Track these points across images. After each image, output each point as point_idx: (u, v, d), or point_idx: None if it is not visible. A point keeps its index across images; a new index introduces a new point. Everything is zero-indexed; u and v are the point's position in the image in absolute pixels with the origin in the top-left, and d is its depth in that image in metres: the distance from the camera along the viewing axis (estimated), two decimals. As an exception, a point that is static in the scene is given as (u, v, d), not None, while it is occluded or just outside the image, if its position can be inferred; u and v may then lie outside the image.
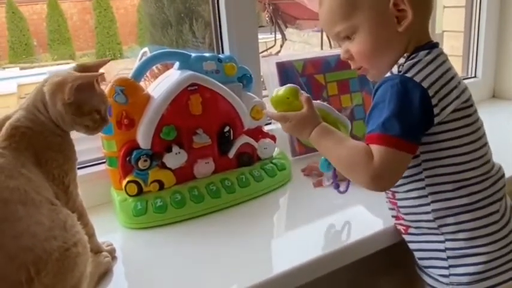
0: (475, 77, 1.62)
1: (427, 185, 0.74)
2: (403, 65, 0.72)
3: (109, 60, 0.81)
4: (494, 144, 0.79)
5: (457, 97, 0.72)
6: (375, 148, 0.69)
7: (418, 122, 0.70)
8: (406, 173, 0.74)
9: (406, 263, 0.83)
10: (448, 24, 1.71)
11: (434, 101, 0.69)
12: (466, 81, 1.57)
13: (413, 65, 0.71)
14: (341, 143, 0.75)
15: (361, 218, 0.89)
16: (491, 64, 1.61)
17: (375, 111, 0.71)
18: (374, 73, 0.80)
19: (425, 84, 0.69)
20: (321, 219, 0.89)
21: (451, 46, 1.68)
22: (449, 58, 0.77)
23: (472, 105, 0.76)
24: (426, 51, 0.73)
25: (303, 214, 0.91)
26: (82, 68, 0.73)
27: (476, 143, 0.74)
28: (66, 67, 0.76)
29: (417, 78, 0.70)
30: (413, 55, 0.73)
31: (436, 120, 0.70)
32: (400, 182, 0.76)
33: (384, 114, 0.69)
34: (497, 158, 0.80)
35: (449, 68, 0.75)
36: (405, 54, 0.74)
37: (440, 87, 0.70)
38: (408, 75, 0.70)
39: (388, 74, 0.75)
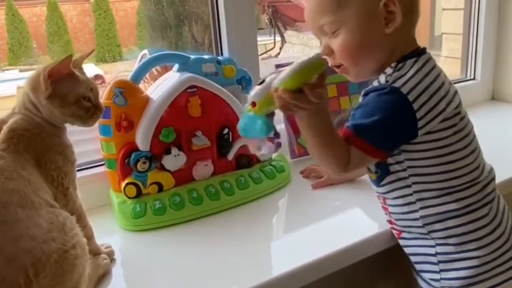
0: (473, 79, 1.62)
1: (414, 192, 0.74)
2: (391, 75, 0.72)
3: (93, 51, 0.81)
4: (492, 147, 0.79)
5: (445, 108, 0.71)
6: (346, 142, 0.72)
7: (396, 134, 0.71)
8: (393, 179, 0.75)
9: (404, 266, 0.83)
10: (447, 26, 1.72)
11: (419, 115, 0.69)
12: (464, 83, 1.58)
13: (402, 76, 0.71)
14: (333, 131, 0.73)
15: (359, 220, 0.89)
16: (490, 66, 1.61)
17: (359, 110, 0.72)
18: (354, 73, 0.77)
19: (411, 98, 0.69)
20: (319, 222, 0.89)
21: (450, 48, 1.68)
22: (448, 60, 0.76)
23: (460, 112, 0.74)
24: (413, 59, 0.73)
25: (301, 216, 0.91)
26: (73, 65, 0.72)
27: (464, 150, 0.73)
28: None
29: (404, 90, 0.69)
30: (400, 64, 0.72)
31: (421, 132, 0.70)
32: (388, 188, 0.77)
33: (364, 118, 0.70)
34: (495, 160, 0.80)
35: (437, 76, 0.73)
36: (392, 64, 0.73)
37: (427, 99, 0.70)
38: (395, 85, 0.70)
39: (376, 83, 0.74)
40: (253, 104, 0.72)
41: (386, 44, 0.73)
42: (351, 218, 0.90)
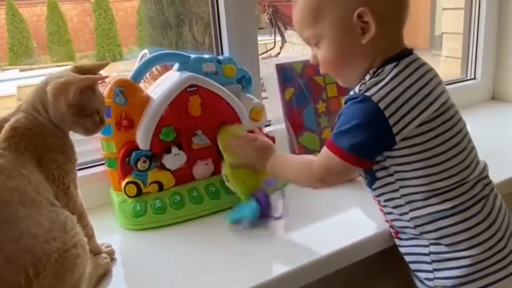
0: (474, 79, 1.62)
1: (402, 195, 0.74)
2: (365, 83, 0.72)
3: (108, 63, 0.81)
4: (492, 146, 0.79)
5: (421, 113, 0.71)
6: (324, 156, 0.75)
7: (373, 142, 0.71)
8: (382, 183, 0.76)
9: (402, 266, 0.83)
10: (447, 26, 1.72)
11: (392, 121, 0.69)
12: (465, 83, 1.58)
13: (375, 83, 0.71)
14: (290, 163, 0.85)
15: (357, 220, 0.89)
16: (490, 66, 1.61)
17: (339, 119, 0.74)
18: (340, 81, 0.81)
19: (382, 105, 0.69)
20: (318, 222, 0.89)
21: (451, 48, 1.68)
22: (449, 60, 0.76)
23: (443, 113, 0.73)
24: (393, 64, 0.72)
25: (300, 216, 0.90)
26: (79, 70, 0.73)
27: (450, 151, 0.73)
28: (64, 68, 0.75)
29: (375, 98, 0.69)
30: (380, 70, 0.73)
31: (398, 138, 0.70)
32: (379, 192, 0.77)
33: (341, 126, 0.72)
34: (494, 160, 0.80)
35: (418, 79, 0.72)
36: (371, 71, 0.74)
37: (400, 106, 0.69)
38: (368, 94, 0.70)
39: (352, 92, 0.75)
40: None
41: (367, 53, 0.74)
42: (350, 217, 0.90)
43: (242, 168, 0.89)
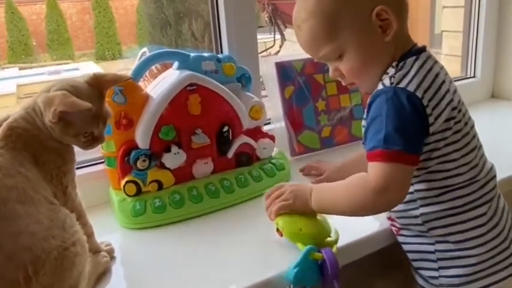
0: (474, 77, 1.62)
1: (416, 190, 0.74)
2: (394, 76, 0.70)
3: (129, 79, 0.81)
4: (492, 145, 0.79)
5: (449, 103, 0.71)
6: (378, 166, 0.67)
7: (418, 133, 0.69)
8: None
9: (403, 263, 0.83)
10: (447, 24, 1.72)
11: (428, 111, 0.68)
12: (464, 81, 1.58)
13: (405, 75, 0.70)
14: (337, 186, 0.74)
15: (356, 219, 0.89)
16: (490, 64, 1.60)
17: (372, 126, 0.69)
18: (365, 86, 0.78)
19: (419, 94, 0.68)
20: (319, 219, 0.88)
21: (450, 46, 1.68)
22: (448, 58, 0.76)
23: (461, 110, 0.74)
24: (414, 57, 0.72)
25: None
26: (95, 79, 0.71)
27: (464, 148, 0.73)
28: (82, 75, 0.74)
29: (410, 88, 0.68)
30: (401, 63, 0.72)
31: (431, 130, 0.69)
32: None
33: (384, 129, 0.67)
34: (494, 158, 0.80)
35: (438, 73, 0.73)
36: (393, 64, 0.72)
37: (432, 95, 0.69)
38: (401, 85, 0.69)
39: (380, 86, 0.72)
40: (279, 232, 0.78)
41: (388, 50, 0.73)
42: (346, 217, 0.90)
43: (291, 216, 0.77)
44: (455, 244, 0.74)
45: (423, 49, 0.75)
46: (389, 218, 0.82)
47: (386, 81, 0.71)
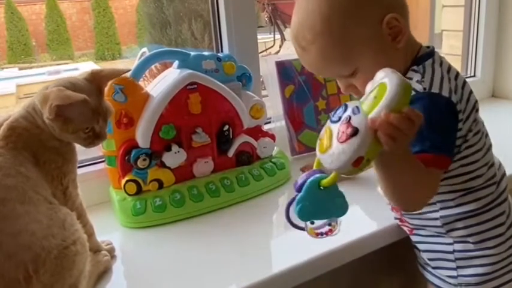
0: (474, 76, 1.62)
1: (436, 193, 0.72)
2: (422, 81, 0.67)
3: (126, 72, 0.80)
4: (494, 144, 0.79)
5: (474, 106, 0.70)
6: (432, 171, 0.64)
7: (455, 137, 0.67)
8: None
9: (408, 260, 0.83)
10: (447, 23, 1.71)
11: (460, 116, 0.67)
12: (465, 80, 1.58)
13: (433, 79, 0.67)
14: (418, 164, 0.62)
15: (361, 215, 0.89)
16: (490, 63, 1.60)
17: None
18: None
19: (454, 99, 0.66)
20: (320, 218, 0.88)
21: (450, 45, 1.68)
22: (448, 57, 0.76)
23: (478, 109, 0.73)
24: (430, 60, 0.70)
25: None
26: (93, 75, 0.71)
27: (482, 149, 0.73)
28: (81, 72, 0.73)
29: (445, 93, 0.66)
30: (421, 68, 0.69)
31: (458, 134, 0.68)
32: None
33: (430, 135, 0.62)
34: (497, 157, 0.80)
35: (457, 72, 0.72)
36: (415, 68, 0.70)
37: (460, 98, 0.68)
38: (435, 91, 0.66)
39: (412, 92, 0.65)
40: (359, 161, 0.54)
41: (400, 56, 0.71)
42: (352, 213, 0.89)
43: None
44: (476, 244, 0.73)
45: (433, 49, 0.73)
46: (399, 219, 0.81)
47: (417, 86, 0.67)
